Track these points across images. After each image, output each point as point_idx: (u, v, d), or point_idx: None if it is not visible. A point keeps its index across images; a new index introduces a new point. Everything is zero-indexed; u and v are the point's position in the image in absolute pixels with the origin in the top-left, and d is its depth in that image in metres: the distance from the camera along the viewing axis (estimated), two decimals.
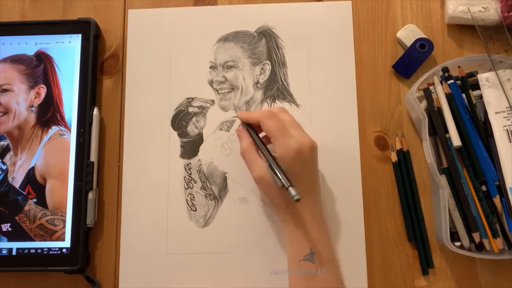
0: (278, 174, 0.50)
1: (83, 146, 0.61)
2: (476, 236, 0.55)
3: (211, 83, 0.64)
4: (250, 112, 0.59)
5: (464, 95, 0.58)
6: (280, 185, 0.50)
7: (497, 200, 0.55)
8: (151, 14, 0.66)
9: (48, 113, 0.62)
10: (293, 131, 0.54)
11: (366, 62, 0.64)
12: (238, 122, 0.62)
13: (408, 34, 0.63)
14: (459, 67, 0.59)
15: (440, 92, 0.58)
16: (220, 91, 0.64)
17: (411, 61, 0.63)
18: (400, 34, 0.64)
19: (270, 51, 0.64)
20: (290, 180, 0.50)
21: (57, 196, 0.60)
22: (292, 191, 0.49)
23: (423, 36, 0.63)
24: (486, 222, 0.55)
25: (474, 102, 0.58)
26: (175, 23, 0.66)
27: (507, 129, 0.56)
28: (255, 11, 0.65)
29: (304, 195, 0.51)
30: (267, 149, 0.54)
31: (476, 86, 0.59)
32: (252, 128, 0.57)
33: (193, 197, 0.61)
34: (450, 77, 0.59)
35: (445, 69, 0.59)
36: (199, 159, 0.62)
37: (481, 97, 0.58)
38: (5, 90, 0.63)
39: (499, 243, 0.54)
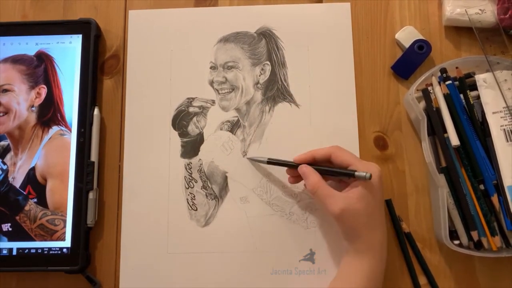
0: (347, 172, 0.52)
1: (83, 146, 0.61)
2: (474, 234, 0.56)
3: (211, 83, 0.64)
4: (313, 150, 0.57)
5: (462, 96, 0.59)
6: (362, 175, 0.51)
7: (495, 199, 0.56)
8: (152, 15, 0.66)
9: (49, 113, 0.62)
10: (358, 162, 0.54)
11: (365, 63, 0.65)
12: (238, 122, 0.63)
13: (407, 35, 0.64)
14: (457, 68, 0.60)
15: (439, 93, 0.59)
16: (220, 91, 0.64)
17: (410, 62, 0.63)
18: (399, 35, 0.65)
19: (270, 52, 0.65)
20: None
21: (57, 196, 0.60)
22: (365, 173, 0.51)
23: (421, 37, 0.64)
24: (484, 220, 0.55)
25: (472, 102, 0.58)
26: (176, 24, 0.66)
27: (504, 129, 0.57)
28: (255, 12, 0.66)
29: (379, 220, 0.52)
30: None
31: (474, 87, 0.59)
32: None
33: (194, 196, 0.61)
34: (448, 78, 0.59)
35: (443, 70, 0.60)
36: (200, 159, 0.62)
37: (478, 97, 0.59)
38: (6, 90, 0.63)
39: (497, 241, 0.55)
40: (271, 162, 0.59)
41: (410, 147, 0.62)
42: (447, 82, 0.59)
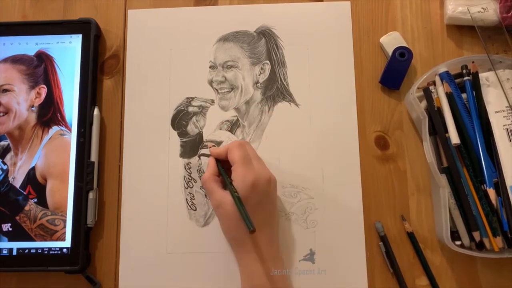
0: (241, 209, 0.51)
1: (83, 146, 0.61)
2: (476, 235, 0.55)
3: (211, 82, 0.64)
4: (220, 147, 0.59)
5: (474, 92, 0.58)
6: (242, 220, 0.51)
7: (491, 191, 0.55)
8: (151, 14, 0.66)
9: (49, 113, 0.62)
10: (255, 162, 0.54)
11: (366, 62, 0.64)
12: (237, 122, 0.63)
13: (391, 41, 0.63)
14: (473, 62, 0.59)
15: (442, 92, 0.58)
16: (219, 91, 0.64)
17: (395, 72, 0.62)
18: (383, 40, 0.64)
19: (269, 51, 0.64)
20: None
21: (57, 196, 0.60)
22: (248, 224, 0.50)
23: (404, 44, 0.63)
24: (486, 221, 0.55)
25: (483, 99, 0.58)
26: (175, 23, 0.66)
27: (507, 128, 0.57)
28: (254, 11, 0.66)
29: (258, 227, 0.51)
30: (231, 183, 0.54)
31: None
32: (222, 163, 0.57)
33: (193, 196, 0.61)
34: (462, 74, 0.59)
35: (464, 66, 0.60)
36: (199, 159, 0.62)
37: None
38: (6, 90, 0.63)
39: (499, 242, 0.54)
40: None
41: (412, 147, 0.62)
42: (458, 80, 0.59)
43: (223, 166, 0.57)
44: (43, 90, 0.63)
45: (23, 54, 0.64)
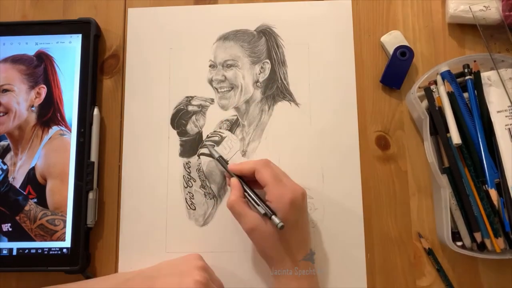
0: (261, 203, 0.51)
1: (83, 146, 0.61)
2: (477, 236, 0.55)
3: (210, 81, 0.64)
4: (243, 163, 0.57)
5: (476, 92, 0.58)
6: (262, 212, 0.51)
7: (492, 192, 0.54)
8: (151, 13, 0.66)
9: (49, 113, 0.62)
10: (285, 179, 0.54)
11: (367, 61, 0.64)
12: (237, 121, 0.63)
13: (392, 40, 0.63)
14: (474, 61, 0.59)
15: (443, 92, 0.58)
16: (219, 90, 0.64)
17: (396, 71, 0.62)
18: (384, 38, 0.63)
19: (269, 50, 0.64)
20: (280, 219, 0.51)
21: (57, 196, 0.60)
22: (276, 219, 0.50)
23: (405, 43, 0.63)
24: (487, 221, 0.54)
25: (484, 98, 0.57)
26: (175, 22, 0.66)
27: (509, 128, 0.56)
28: (255, 10, 0.65)
29: (299, 242, 0.52)
30: (257, 195, 0.54)
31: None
32: (243, 179, 0.56)
33: (192, 196, 0.61)
34: (463, 73, 0.59)
35: (466, 66, 0.59)
36: (199, 158, 0.62)
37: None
38: (6, 90, 0.63)
39: (500, 242, 0.54)
40: (220, 160, 0.59)
41: (413, 147, 0.62)
42: (467, 77, 0.58)
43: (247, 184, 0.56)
44: (43, 90, 0.63)
45: (23, 54, 0.64)
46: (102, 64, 0.66)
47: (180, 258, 0.56)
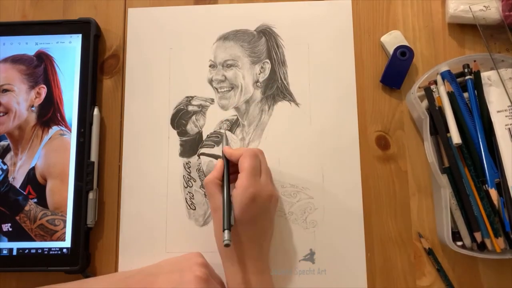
0: (225, 212, 0.51)
1: (83, 146, 0.61)
2: (477, 236, 0.55)
3: (210, 81, 0.64)
4: (236, 149, 0.57)
5: (476, 92, 0.58)
6: (222, 223, 0.51)
7: (492, 192, 0.54)
8: (151, 13, 0.66)
9: (49, 113, 0.62)
10: (263, 176, 0.54)
11: (367, 61, 0.64)
12: (237, 121, 0.63)
13: (392, 40, 0.63)
14: (474, 61, 0.59)
15: (443, 92, 0.58)
16: (219, 90, 0.64)
17: (396, 71, 0.62)
18: (384, 38, 0.63)
19: (270, 50, 0.64)
20: (231, 224, 0.51)
21: (57, 196, 0.60)
22: (226, 234, 0.49)
23: (405, 43, 0.63)
24: (487, 221, 0.54)
25: (485, 98, 0.57)
26: (175, 22, 0.66)
27: (509, 128, 0.56)
28: (255, 10, 0.65)
29: (251, 238, 0.52)
30: (229, 188, 0.54)
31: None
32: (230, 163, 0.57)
33: (193, 195, 0.61)
34: (463, 73, 0.59)
35: (466, 66, 0.59)
36: (199, 158, 0.62)
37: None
38: (6, 90, 0.63)
39: (500, 242, 0.54)
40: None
41: (413, 146, 0.62)
42: (467, 77, 0.58)
43: (230, 168, 0.56)
44: (43, 90, 0.63)
45: (23, 54, 0.64)
46: (102, 64, 0.66)
47: (180, 256, 0.56)
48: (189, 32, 0.65)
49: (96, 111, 0.62)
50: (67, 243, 0.59)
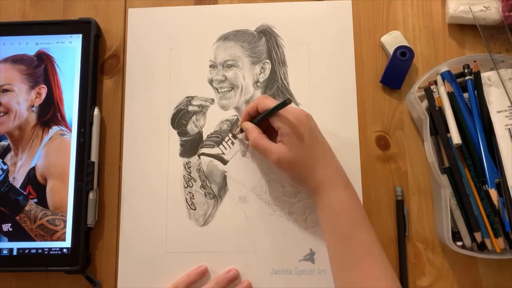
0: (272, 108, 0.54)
1: (83, 146, 0.61)
2: (477, 236, 0.55)
3: (211, 82, 0.64)
4: (247, 108, 0.59)
5: (476, 92, 0.58)
6: (279, 103, 0.53)
7: (492, 192, 0.55)
8: (151, 13, 0.66)
9: (49, 113, 0.62)
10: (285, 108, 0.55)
11: (367, 61, 0.64)
12: (237, 121, 0.63)
13: (392, 40, 0.63)
14: (474, 61, 0.59)
15: (443, 92, 0.58)
16: (220, 90, 0.64)
17: (396, 71, 0.62)
18: (384, 39, 0.64)
19: (270, 50, 0.64)
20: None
21: (57, 196, 0.60)
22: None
23: (405, 44, 0.63)
24: (487, 221, 0.54)
25: (485, 99, 0.57)
26: (175, 22, 0.66)
27: (509, 128, 0.56)
28: (255, 10, 0.66)
29: (322, 156, 0.54)
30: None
31: None
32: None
33: (193, 196, 0.61)
34: (463, 74, 0.59)
35: (466, 66, 0.59)
36: (199, 158, 0.62)
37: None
38: (6, 90, 0.63)
39: (500, 242, 0.54)
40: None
41: (413, 147, 0.62)
42: (467, 77, 0.58)
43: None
44: (43, 90, 0.63)
45: (23, 54, 0.64)
46: (102, 64, 0.66)
47: None
48: (189, 32, 0.65)
49: (96, 111, 0.62)
50: (67, 243, 0.59)
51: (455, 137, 0.55)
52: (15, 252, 0.60)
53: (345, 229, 0.52)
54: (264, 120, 0.56)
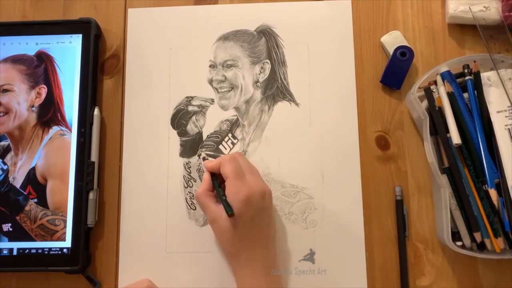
0: (220, 198, 0.53)
1: (83, 146, 0.61)
2: (477, 236, 0.55)
3: (210, 82, 0.64)
4: (213, 160, 0.58)
5: (476, 92, 0.58)
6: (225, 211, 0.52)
7: (492, 192, 0.54)
8: (151, 13, 0.66)
9: (49, 113, 0.62)
10: (248, 176, 0.54)
11: (367, 61, 0.64)
12: (237, 121, 0.63)
13: (392, 40, 0.63)
14: (474, 61, 0.59)
15: (443, 92, 0.58)
16: (219, 90, 0.64)
17: (396, 71, 0.62)
18: (384, 39, 0.63)
19: (269, 50, 0.64)
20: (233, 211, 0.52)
21: (57, 196, 0.60)
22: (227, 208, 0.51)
23: (405, 44, 0.63)
24: (487, 221, 0.54)
25: (485, 99, 0.57)
26: (175, 22, 0.66)
27: (509, 128, 0.56)
28: (255, 10, 0.66)
29: (254, 240, 0.52)
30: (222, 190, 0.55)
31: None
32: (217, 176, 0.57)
33: (193, 195, 0.61)
34: (462, 74, 0.59)
35: (466, 66, 0.59)
36: (199, 158, 0.62)
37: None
38: (6, 90, 0.63)
39: (500, 242, 0.54)
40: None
41: (413, 147, 0.62)
42: (467, 78, 0.58)
43: (218, 179, 0.57)
44: (43, 90, 0.63)
45: (23, 54, 0.64)
46: (102, 64, 0.66)
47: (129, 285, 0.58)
48: (189, 32, 0.65)
49: (96, 111, 0.62)
50: (67, 243, 0.59)
51: (455, 137, 0.55)
52: (15, 252, 0.60)
53: None
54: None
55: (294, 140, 0.62)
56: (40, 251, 0.59)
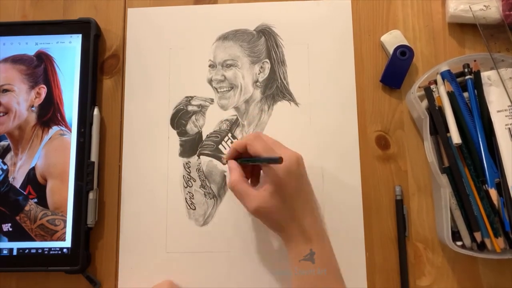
0: (261, 157, 0.51)
1: (83, 146, 0.61)
2: (477, 236, 0.55)
3: (210, 81, 0.64)
4: (235, 142, 0.56)
5: (476, 91, 0.58)
6: (267, 160, 0.50)
7: (492, 191, 0.54)
8: (151, 13, 0.66)
9: (49, 113, 0.62)
10: (277, 149, 0.53)
11: (367, 61, 0.64)
12: (237, 121, 0.63)
13: (392, 39, 0.63)
14: (475, 61, 0.59)
15: (443, 92, 0.58)
16: (219, 90, 0.64)
17: (396, 71, 0.62)
18: (384, 38, 0.63)
19: (269, 50, 0.64)
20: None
21: (57, 196, 0.60)
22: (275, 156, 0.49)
23: (405, 43, 0.63)
24: (487, 221, 0.54)
25: (485, 98, 0.57)
26: (175, 22, 0.66)
27: (509, 128, 0.56)
28: (254, 9, 0.65)
29: (302, 208, 0.51)
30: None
31: None
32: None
33: (192, 195, 0.61)
34: (463, 73, 0.59)
35: (466, 65, 0.59)
36: (199, 158, 0.62)
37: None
38: (6, 90, 0.63)
39: (500, 242, 0.54)
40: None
41: (413, 146, 0.62)
42: (467, 77, 0.58)
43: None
44: (43, 90, 0.63)
45: (23, 54, 0.64)
46: (102, 64, 0.66)
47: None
48: (189, 32, 0.65)
49: (96, 111, 0.62)
50: (67, 243, 0.59)
51: (455, 137, 0.55)
52: (15, 252, 0.60)
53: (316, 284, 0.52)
54: None
55: (294, 140, 0.61)
56: (40, 251, 0.59)
